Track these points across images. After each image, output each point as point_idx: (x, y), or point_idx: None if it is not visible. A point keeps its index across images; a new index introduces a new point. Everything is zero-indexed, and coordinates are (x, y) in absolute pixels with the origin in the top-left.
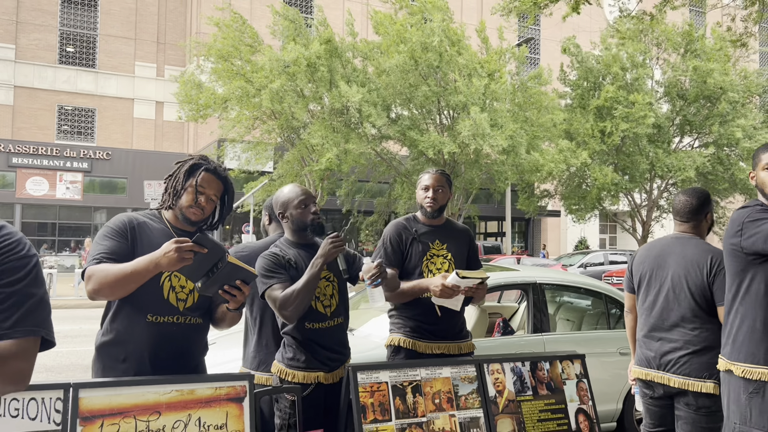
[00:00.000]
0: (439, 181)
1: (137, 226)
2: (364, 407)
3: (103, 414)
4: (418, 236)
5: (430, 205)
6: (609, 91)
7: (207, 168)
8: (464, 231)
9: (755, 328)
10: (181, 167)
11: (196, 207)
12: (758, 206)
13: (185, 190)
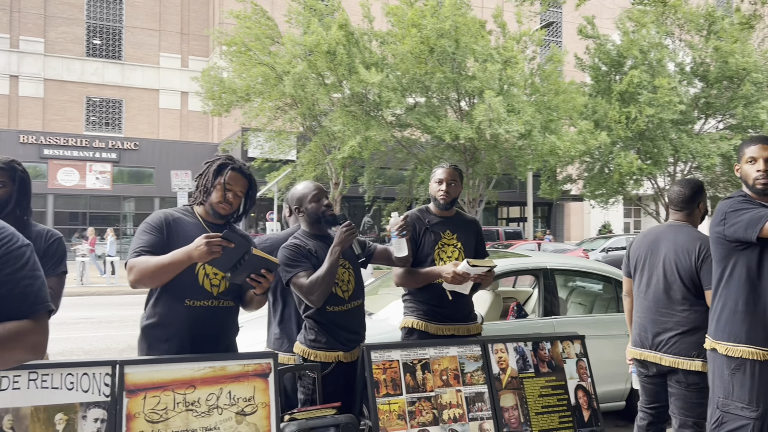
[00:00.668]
0: (451, 175)
1: (172, 222)
2: (377, 383)
3: (146, 387)
4: (430, 226)
5: (443, 198)
6: (634, 76)
7: (233, 167)
8: (473, 222)
9: (737, 309)
10: (210, 167)
11: (225, 203)
12: (741, 197)
13: (214, 188)
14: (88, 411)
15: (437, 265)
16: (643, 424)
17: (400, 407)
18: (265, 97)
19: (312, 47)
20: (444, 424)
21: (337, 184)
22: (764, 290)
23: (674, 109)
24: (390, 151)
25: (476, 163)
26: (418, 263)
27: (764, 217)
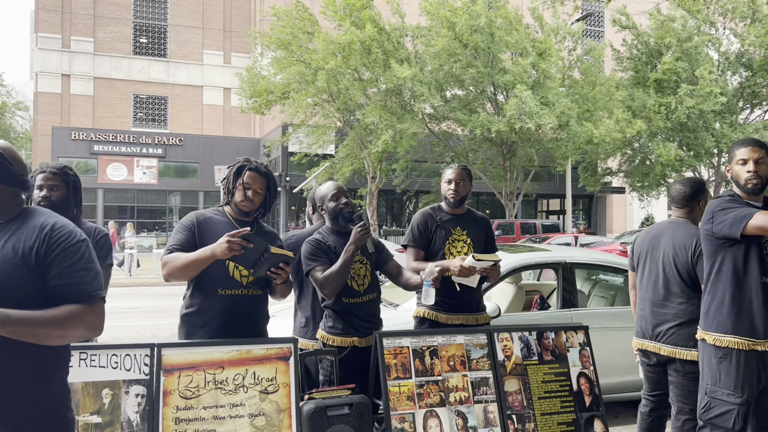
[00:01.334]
0: (460, 175)
1: (203, 221)
2: (388, 367)
3: (180, 368)
4: (441, 223)
5: (453, 197)
6: (666, 63)
7: (250, 167)
8: (483, 219)
9: (724, 302)
10: (231, 170)
11: (246, 200)
12: (728, 197)
13: (236, 189)
14: (130, 387)
15: (447, 259)
16: (646, 411)
17: (409, 389)
18: (301, 93)
19: (346, 45)
20: (450, 405)
21: (374, 177)
22: (749, 285)
23: (715, 100)
24: (426, 144)
25: (513, 155)
26: (429, 257)
27: (747, 216)
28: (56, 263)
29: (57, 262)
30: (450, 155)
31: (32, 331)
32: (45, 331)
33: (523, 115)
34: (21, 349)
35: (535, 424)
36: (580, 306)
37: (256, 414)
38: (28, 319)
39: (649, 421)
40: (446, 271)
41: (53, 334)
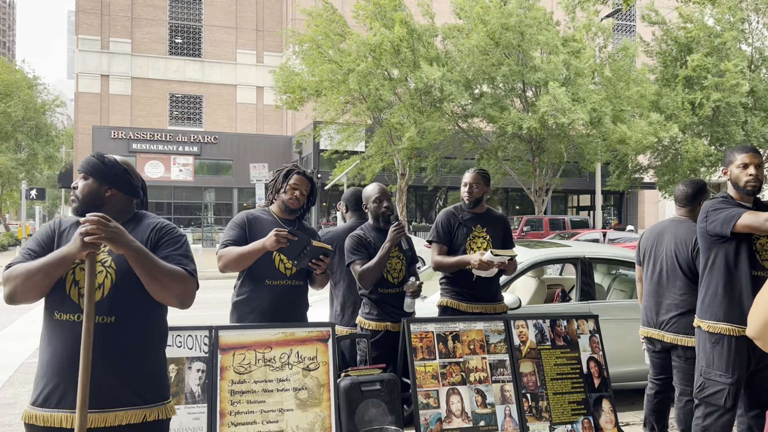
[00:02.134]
0: (475, 179)
1: (252, 220)
2: (415, 349)
3: (234, 347)
4: (463, 221)
5: (468, 198)
6: (694, 60)
7: (297, 172)
8: (501, 218)
9: (717, 293)
10: (281, 173)
11: (293, 199)
12: (722, 198)
13: (284, 189)
14: (192, 363)
15: (468, 253)
16: (652, 393)
17: (433, 369)
18: (333, 91)
19: (376, 46)
20: (470, 384)
21: (404, 174)
22: (739, 277)
23: (741, 91)
24: (456, 141)
25: (542, 152)
26: (452, 252)
27: (737, 216)
28: (162, 248)
29: (163, 248)
30: (479, 152)
31: (152, 268)
32: (159, 272)
33: (555, 111)
34: (140, 325)
35: (548, 402)
36: (599, 299)
37: (299, 388)
38: (151, 259)
39: (655, 402)
40: (467, 264)
41: (162, 280)
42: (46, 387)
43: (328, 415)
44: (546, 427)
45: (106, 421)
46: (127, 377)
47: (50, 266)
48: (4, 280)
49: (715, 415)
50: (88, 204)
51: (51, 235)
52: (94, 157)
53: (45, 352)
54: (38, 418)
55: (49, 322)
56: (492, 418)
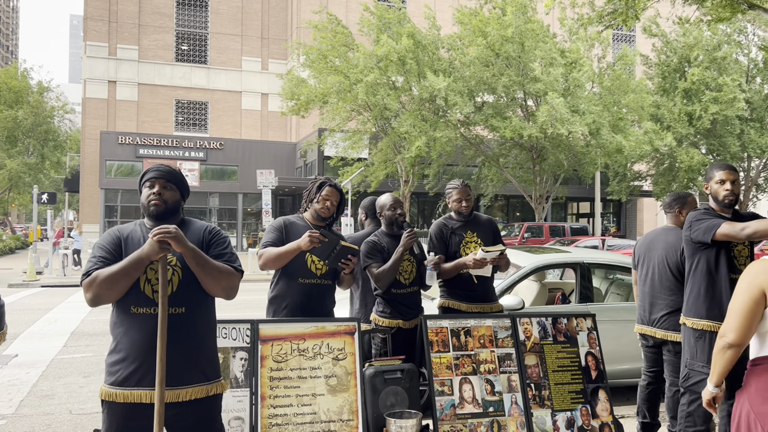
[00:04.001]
0: (466, 192)
1: (289, 225)
2: (431, 342)
3: (272, 339)
4: (454, 230)
5: (465, 210)
6: (695, 74)
7: (330, 184)
8: (488, 221)
9: (700, 294)
10: (314, 184)
11: (325, 209)
12: (704, 210)
13: (317, 199)
14: (236, 352)
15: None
16: (644, 384)
17: (448, 360)
18: (340, 99)
19: (383, 57)
20: (480, 375)
21: (407, 181)
22: (719, 280)
23: (738, 105)
24: (458, 149)
25: (543, 160)
26: (448, 259)
27: (717, 226)
28: (213, 247)
29: (214, 247)
30: (481, 159)
31: (204, 265)
32: (210, 268)
33: (555, 121)
34: (203, 314)
35: (550, 392)
36: (596, 301)
37: (329, 375)
38: (204, 257)
39: (647, 393)
40: (463, 267)
41: (213, 274)
42: (125, 369)
43: (355, 399)
44: (548, 414)
45: (178, 397)
46: (195, 359)
47: (130, 268)
48: (87, 287)
49: (698, 402)
50: (171, 209)
51: (118, 241)
52: (175, 170)
53: (123, 341)
54: (118, 396)
55: (126, 315)
56: (500, 405)
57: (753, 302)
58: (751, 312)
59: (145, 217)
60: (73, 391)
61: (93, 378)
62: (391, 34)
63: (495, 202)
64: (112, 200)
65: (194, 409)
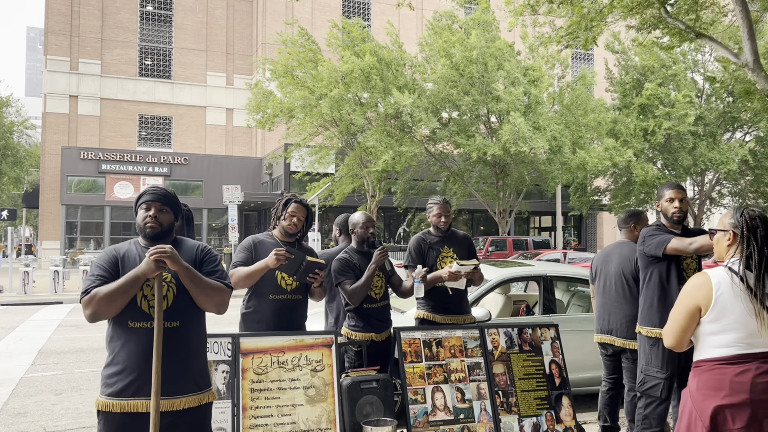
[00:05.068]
0: (446, 209)
1: (258, 243)
2: (405, 353)
3: (253, 352)
4: (432, 245)
5: (443, 225)
6: (649, 89)
7: (295, 201)
8: (464, 236)
9: (653, 304)
10: (281, 201)
11: (292, 225)
12: (656, 226)
13: (284, 216)
14: (218, 365)
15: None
16: (605, 390)
17: (420, 370)
18: (306, 115)
19: (347, 74)
20: (451, 383)
21: (374, 195)
22: (670, 291)
23: (688, 121)
24: (423, 164)
25: (506, 176)
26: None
27: (667, 241)
28: (205, 264)
29: (206, 264)
30: (446, 174)
31: (197, 282)
32: (203, 285)
33: (517, 140)
34: (196, 327)
35: (516, 398)
36: (559, 312)
37: (308, 386)
38: (197, 275)
39: (608, 398)
40: (439, 279)
41: (206, 291)
42: (122, 381)
43: (332, 409)
44: (515, 420)
45: (173, 406)
46: (188, 369)
47: (128, 286)
48: (86, 304)
49: (653, 405)
50: (166, 231)
51: (115, 260)
52: (170, 193)
53: (120, 354)
54: (115, 406)
55: (123, 330)
56: (470, 412)
57: (688, 314)
58: (686, 323)
59: (140, 237)
60: (46, 409)
61: (65, 396)
62: (357, 50)
63: (459, 216)
64: (73, 216)
65: (188, 417)
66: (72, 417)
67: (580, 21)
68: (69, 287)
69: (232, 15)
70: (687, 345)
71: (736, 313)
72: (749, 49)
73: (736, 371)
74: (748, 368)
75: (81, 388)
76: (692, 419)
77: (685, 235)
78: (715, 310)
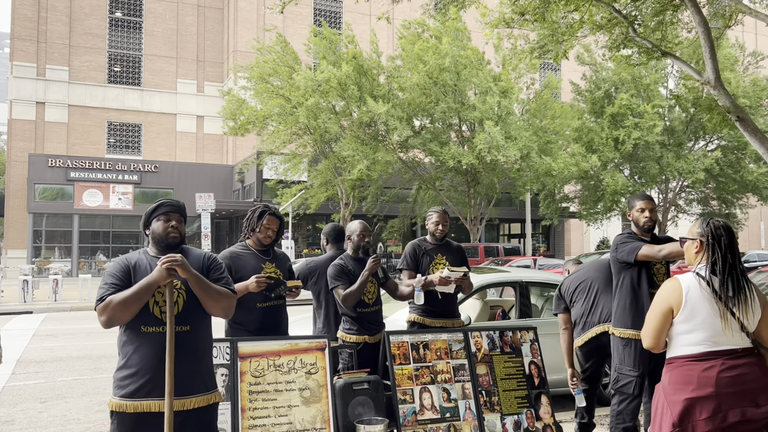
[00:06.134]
0: (444, 218)
1: (235, 257)
2: (394, 356)
3: (250, 356)
4: (426, 252)
5: (440, 234)
6: (623, 99)
7: (269, 213)
8: (458, 247)
9: (625, 307)
10: (254, 213)
11: (266, 237)
12: (627, 234)
13: (259, 228)
14: (217, 369)
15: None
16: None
17: (409, 372)
18: (280, 122)
19: (324, 82)
20: (438, 384)
21: (347, 204)
22: (642, 294)
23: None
24: (396, 172)
25: (477, 184)
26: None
27: (638, 248)
28: (212, 272)
29: (213, 271)
30: (418, 182)
31: (206, 289)
32: (211, 291)
33: (491, 148)
34: (204, 331)
35: (499, 397)
36: (534, 316)
37: (303, 388)
38: (206, 282)
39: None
40: (431, 284)
41: (214, 297)
42: (136, 383)
43: (327, 409)
44: (498, 418)
45: (184, 406)
46: (198, 371)
47: (141, 293)
48: (101, 311)
49: (626, 401)
50: (182, 240)
51: (127, 269)
52: (182, 204)
53: (133, 358)
54: (128, 407)
55: (136, 334)
56: (455, 411)
57: (662, 315)
58: (661, 324)
59: (149, 245)
60: (33, 416)
61: (50, 403)
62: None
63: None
64: (39, 224)
65: (197, 416)
66: (60, 424)
67: (552, 35)
68: (39, 296)
69: (203, 22)
70: (663, 345)
71: (704, 314)
72: (711, 67)
73: (703, 367)
74: (713, 364)
75: (66, 396)
76: (664, 411)
77: (654, 243)
78: (685, 310)
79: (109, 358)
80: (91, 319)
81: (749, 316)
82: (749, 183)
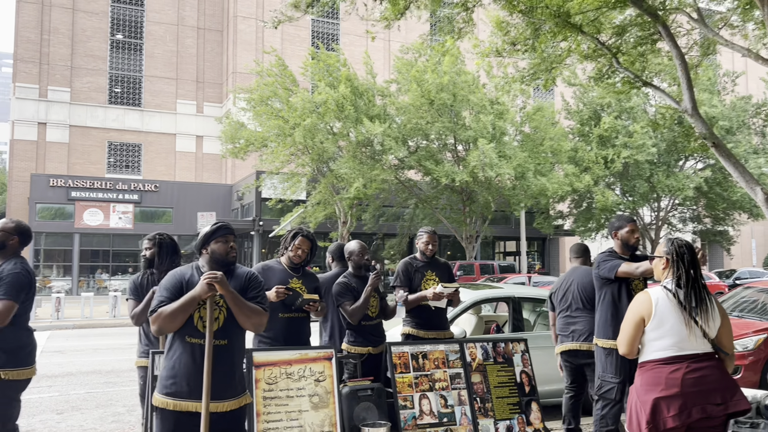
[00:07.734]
0: (433, 238)
1: (267, 269)
2: (395, 365)
3: (264, 364)
4: (417, 269)
5: (429, 252)
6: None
7: (302, 234)
8: (445, 263)
9: (607, 319)
10: (289, 234)
11: (297, 257)
12: (608, 252)
13: (291, 248)
14: None
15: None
16: (568, 396)
17: (409, 380)
18: (279, 144)
19: (321, 103)
20: (436, 391)
21: (345, 222)
22: (622, 308)
23: (648, 151)
24: (392, 192)
25: (472, 202)
26: (411, 291)
27: (618, 265)
28: (251, 289)
29: (251, 289)
30: (414, 201)
31: (240, 305)
32: (246, 308)
33: (485, 166)
34: (239, 344)
35: (492, 404)
36: (527, 330)
37: (312, 394)
38: (240, 299)
39: (571, 404)
40: (424, 299)
41: (246, 313)
42: (177, 385)
43: (334, 414)
44: (491, 423)
45: (217, 408)
46: (232, 378)
47: (186, 305)
48: (154, 320)
49: (609, 406)
50: (236, 258)
51: (179, 284)
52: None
53: (177, 362)
54: (169, 404)
55: (180, 342)
56: (452, 416)
57: (635, 325)
58: (634, 332)
59: (200, 261)
60: (52, 426)
61: (67, 414)
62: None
63: None
64: (39, 243)
65: (230, 417)
66: None
67: (541, 63)
68: (41, 314)
69: (203, 44)
70: (636, 352)
71: (671, 322)
72: (688, 97)
73: (671, 369)
74: (679, 367)
75: (81, 408)
76: (638, 410)
77: (633, 261)
78: (655, 319)
79: (118, 373)
80: (95, 336)
81: (710, 323)
82: (737, 201)
